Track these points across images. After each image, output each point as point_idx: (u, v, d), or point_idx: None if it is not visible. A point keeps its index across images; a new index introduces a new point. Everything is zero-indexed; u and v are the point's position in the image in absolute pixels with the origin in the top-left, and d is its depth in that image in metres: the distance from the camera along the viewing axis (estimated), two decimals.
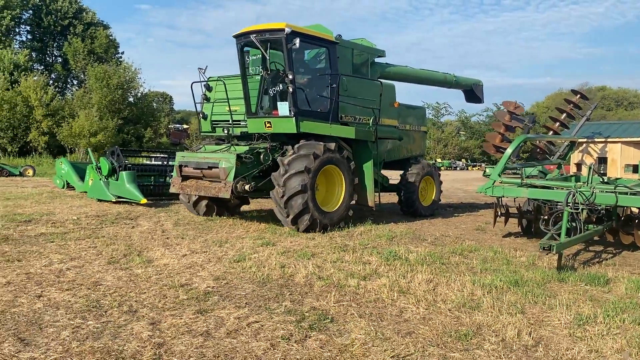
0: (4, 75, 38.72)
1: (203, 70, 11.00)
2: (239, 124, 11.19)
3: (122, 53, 53.25)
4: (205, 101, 12.06)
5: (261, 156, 9.86)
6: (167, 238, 8.65)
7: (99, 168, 13.24)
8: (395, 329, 4.56)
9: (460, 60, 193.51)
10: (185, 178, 10.37)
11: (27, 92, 37.82)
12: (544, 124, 13.06)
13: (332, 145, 9.80)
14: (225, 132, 11.38)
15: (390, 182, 12.66)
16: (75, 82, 49.71)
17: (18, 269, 6.31)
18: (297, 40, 9.25)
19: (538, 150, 11.72)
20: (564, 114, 11.98)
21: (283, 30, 9.33)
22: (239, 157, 9.53)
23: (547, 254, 7.30)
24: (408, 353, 4.02)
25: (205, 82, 11.54)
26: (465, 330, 4.49)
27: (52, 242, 7.99)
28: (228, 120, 11.15)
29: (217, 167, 9.60)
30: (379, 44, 12.69)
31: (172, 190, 10.63)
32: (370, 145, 11.01)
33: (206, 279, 6.06)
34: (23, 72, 40.45)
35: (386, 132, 11.75)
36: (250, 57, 10.99)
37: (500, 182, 8.93)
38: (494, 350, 4.12)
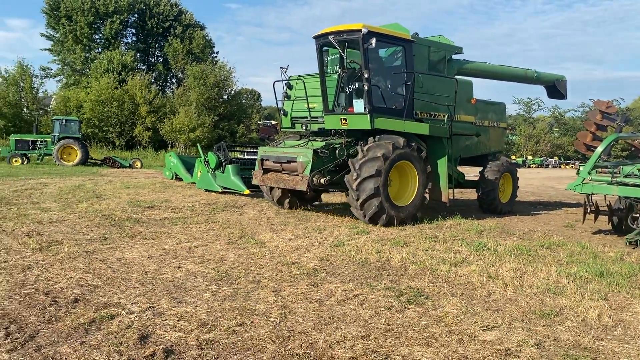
0: (113, 74, 42.20)
1: (285, 70, 11.70)
2: (317, 121, 11.78)
3: (217, 53, 56.08)
4: (286, 98, 12.79)
5: (336, 151, 10.29)
6: (272, 224, 9.63)
7: (207, 162, 14.58)
8: (484, 306, 5.16)
9: (554, 53, 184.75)
10: (266, 171, 11.09)
11: (133, 91, 41.04)
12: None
13: (401, 142, 9.99)
14: (304, 128, 12.01)
15: (468, 178, 12.78)
16: (174, 80, 52.91)
17: (155, 245, 7.47)
18: (374, 40, 9.61)
19: (632, 148, 11.64)
20: None
21: (360, 30, 9.67)
22: (315, 152, 10.02)
23: (633, 248, 7.51)
24: (496, 325, 4.61)
25: (286, 81, 12.26)
26: (548, 310, 5.01)
27: (176, 225, 9.20)
28: (307, 117, 11.82)
29: (295, 161, 10.19)
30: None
31: (254, 181, 11.39)
32: (445, 142, 11.20)
33: (312, 259, 6.91)
34: (129, 72, 43.83)
35: (462, 128, 11.96)
36: (329, 57, 11.50)
37: (590, 180, 9.12)
38: (575, 327, 4.62)
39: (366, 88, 9.96)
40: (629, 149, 11.90)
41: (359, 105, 10.26)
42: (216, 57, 52.26)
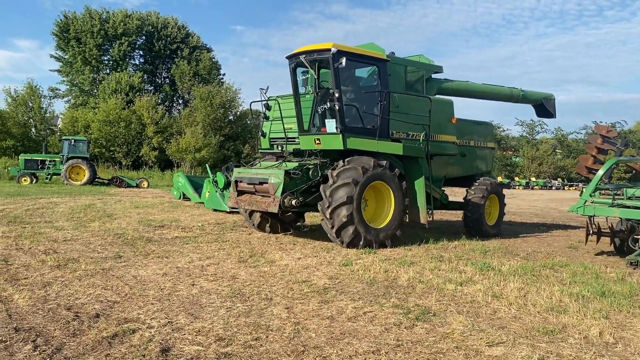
0: (121, 95, 42.84)
1: (264, 90, 11.54)
2: (294, 141, 11.60)
3: (224, 74, 56.80)
4: (264, 119, 12.72)
5: (310, 172, 10.16)
6: (281, 244, 9.85)
7: (216, 182, 14.85)
8: (490, 323, 5.35)
9: (557, 75, 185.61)
10: (240, 193, 10.87)
11: (140, 111, 41.66)
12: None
13: (384, 162, 9.90)
14: (280, 149, 11.94)
15: (455, 199, 12.52)
16: (181, 101, 53.62)
17: (169, 263, 7.69)
18: (344, 60, 9.39)
19: (633, 171, 11.88)
20: None
21: (329, 50, 9.59)
22: (287, 173, 9.86)
23: (634, 269, 7.69)
24: (501, 341, 4.80)
25: (265, 101, 12.16)
26: (552, 328, 5.19)
27: (187, 244, 9.43)
28: (284, 138, 11.73)
29: (267, 183, 10.03)
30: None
31: (229, 204, 11.28)
32: (422, 162, 10.86)
33: (322, 277, 7.12)
34: (137, 93, 44.49)
35: (443, 148, 11.65)
36: (307, 76, 11.23)
37: (592, 202, 9.34)
38: (577, 344, 4.80)
39: (337, 108, 9.78)
40: (631, 171, 12.12)
41: (331, 125, 10.09)
42: (222, 78, 53.06)
